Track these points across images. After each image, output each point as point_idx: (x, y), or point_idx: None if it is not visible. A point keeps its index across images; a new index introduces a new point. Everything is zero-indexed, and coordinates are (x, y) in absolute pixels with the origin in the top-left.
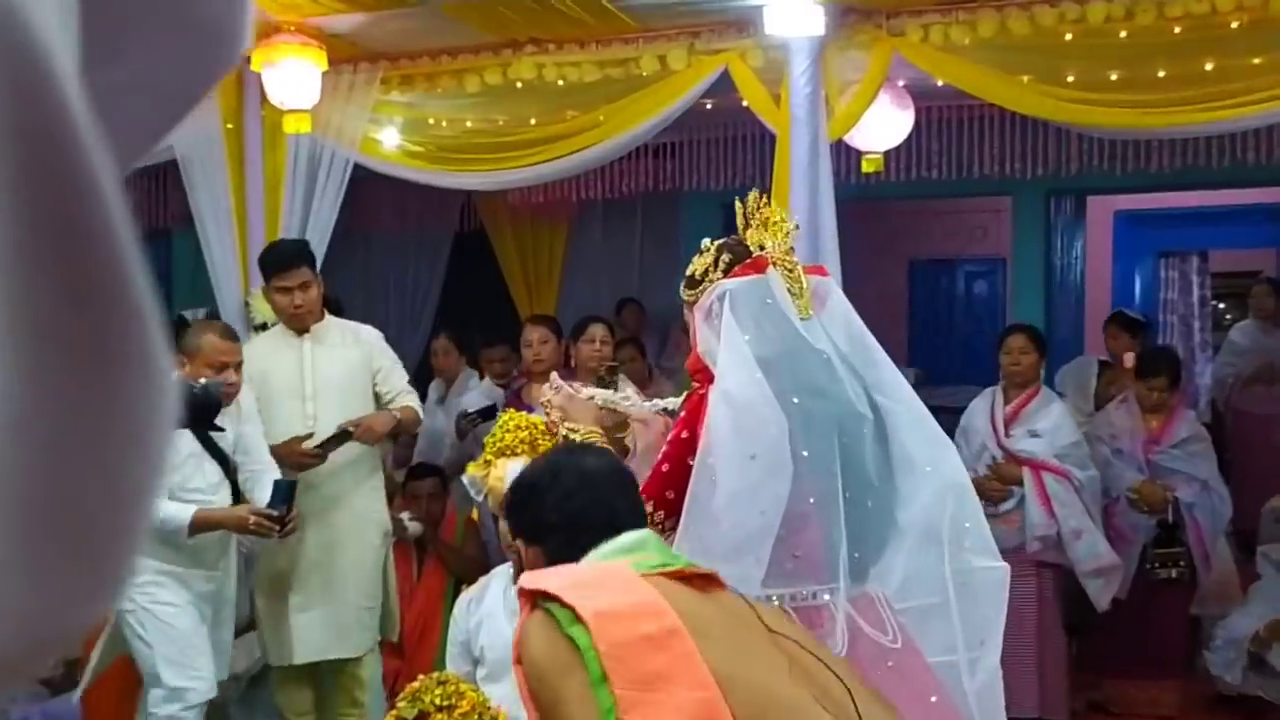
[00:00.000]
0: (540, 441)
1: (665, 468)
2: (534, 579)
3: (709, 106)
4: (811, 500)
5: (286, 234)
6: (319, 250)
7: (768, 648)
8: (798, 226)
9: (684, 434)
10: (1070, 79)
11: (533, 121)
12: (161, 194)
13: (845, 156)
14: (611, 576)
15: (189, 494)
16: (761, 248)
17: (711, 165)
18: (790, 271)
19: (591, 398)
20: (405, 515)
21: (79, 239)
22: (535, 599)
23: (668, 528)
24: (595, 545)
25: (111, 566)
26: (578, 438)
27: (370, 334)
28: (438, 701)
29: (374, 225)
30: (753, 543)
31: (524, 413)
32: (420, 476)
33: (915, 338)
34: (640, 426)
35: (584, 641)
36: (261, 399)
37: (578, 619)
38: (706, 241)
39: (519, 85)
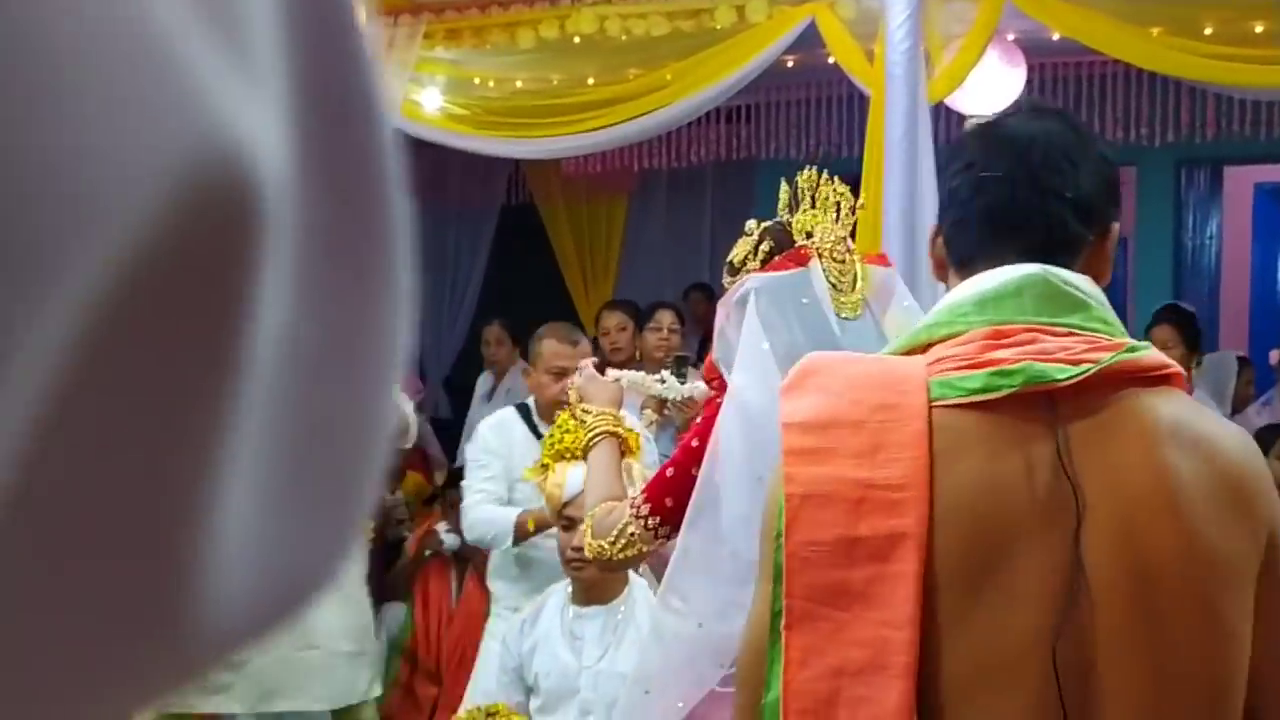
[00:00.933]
0: None
1: (669, 473)
2: (792, 388)
3: (791, 64)
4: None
5: None
6: None
7: (1047, 575)
8: (863, 205)
9: (694, 442)
10: (1208, 31)
11: (591, 81)
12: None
13: (946, 121)
14: (883, 425)
15: None
16: (809, 235)
17: (793, 131)
18: (840, 263)
19: (617, 379)
20: (442, 526)
21: (349, 112)
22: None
23: (661, 535)
24: (985, 257)
25: (357, 511)
26: (589, 419)
27: None
28: None
29: (412, 197)
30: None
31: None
32: (459, 483)
33: None
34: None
35: (778, 526)
36: None
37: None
38: (751, 223)
39: (577, 40)
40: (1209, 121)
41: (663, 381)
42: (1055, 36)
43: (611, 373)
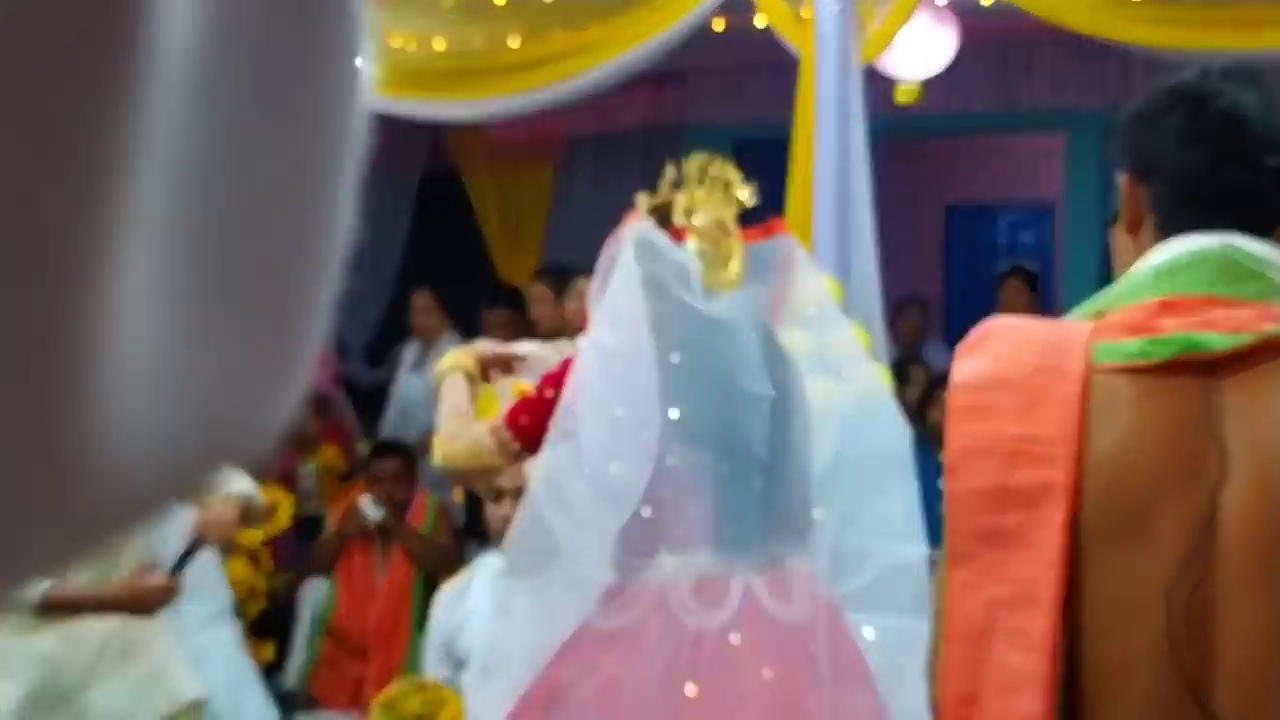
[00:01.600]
0: None
1: (529, 396)
2: (966, 351)
3: (720, 27)
4: (671, 462)
5: None
6: None
7: (1184, 527)
8: (750, 202)
9: (555, 370)
10: None
11: (514, 43)
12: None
13: (876, 86)
14: (1041, 385)
15: None
16: (689, 214)
17: (722, 95)
18: (715, 245)
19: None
20: (367, 499)
21: None
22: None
23: (514, 450)
24: (1185, 223)
25: (304, 335)
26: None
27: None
28: (417, 709)
29: None
30: (611, 500)
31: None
32: (385, 455)
33: (952, 293)
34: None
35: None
36: None
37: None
38: (642, 197)
39: (499, 0)
40: (1139, 86)
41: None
42: (986, 1)
43: (479, 344)
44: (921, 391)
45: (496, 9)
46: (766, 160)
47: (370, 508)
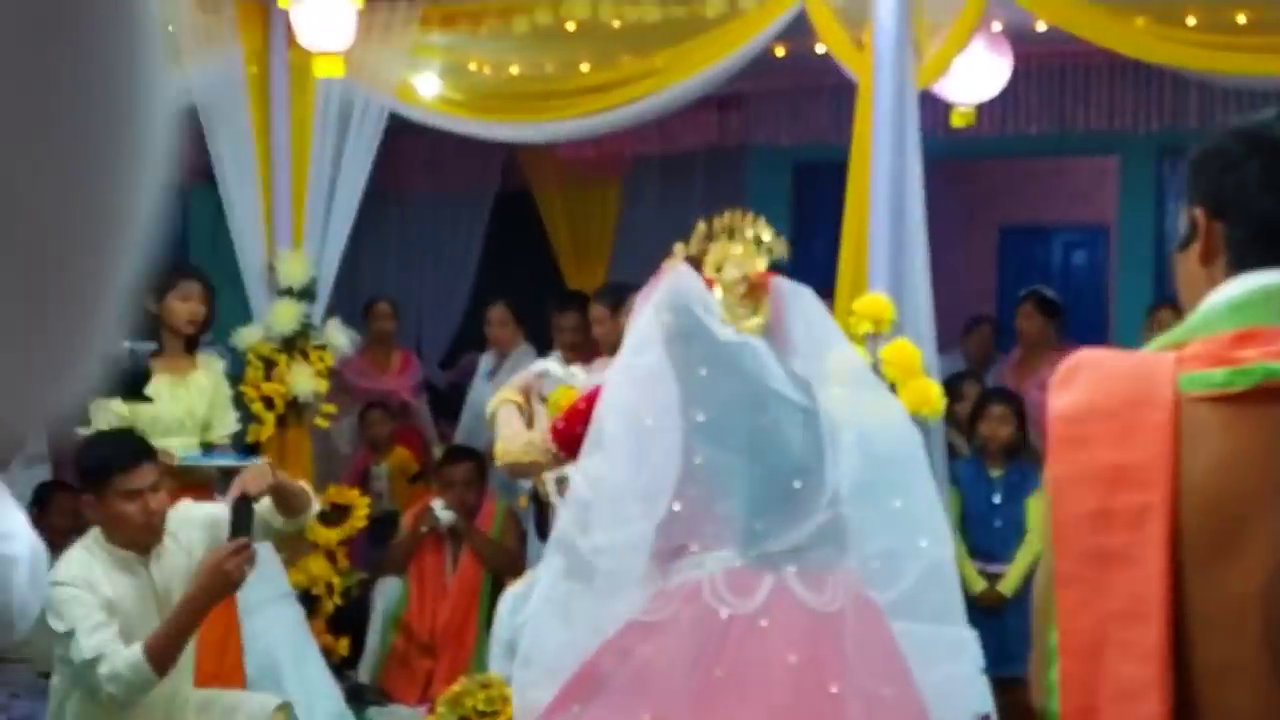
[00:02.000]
0: None
1: (578, 406)
2: (1060, 384)
3: (781, 53)
4: (698, 461)
5: (316, 190)
6: (349, 209)
7: (1275, 542)
8: (782, 252)
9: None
10: (1191, 21)
11: (584, 68)
12: (178, 146)
13: (932, 109)
14: (1134, 415)
15: None
16: (719, 269)
17: (782, 119)
18: (741, 298)
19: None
20: (438, 504)
21: None
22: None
23: (561, 460)
24: (1257, 260)
25: (80, 330)
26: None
27: (203, 513)
28: (480, 707)
29: (409, 182)
30: (644, 498)
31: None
32: (456, 460)
33: (1005, 314)
34: None
35: (1045, 503)
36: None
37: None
38: (679, 246)
39: (570, 26)
40: (1192, 110)
41: (573, 375)
42: (1041, 26)
43: (536, 365)
44: (972, 406)
45: (568, 35)
46: (826, 182)
47: (442, 511)
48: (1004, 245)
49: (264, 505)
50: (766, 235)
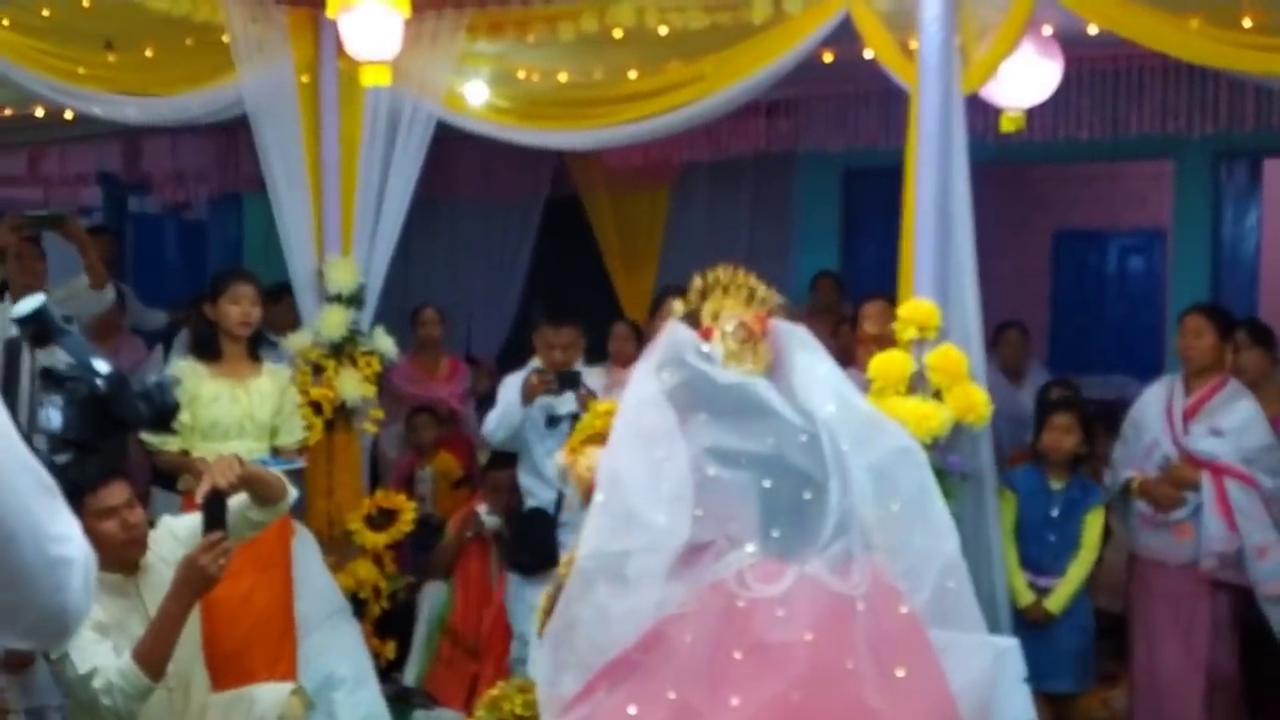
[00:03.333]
0: None
1: None
2: None
3: (829, 59)
4: (711, 473)
5: (364, 197)
6: (397, 216)
7: None
8: (775, 303)
9: None
10: (1246, 23)
11: (632, 74)
12: (233, 155)
13: (982, 114)
14: None
15: None
16: (715, 317)
17: (830, 124)
18: (740, 344)
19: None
20: (483, 509)
21: None
22: None
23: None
24: None
25: None
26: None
27: (185, 527)
28: (518, 710)
29: (458, 189)
30: (667, 506)
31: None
32: (501, 466)
33: (1058, 321)
34: None
35: None
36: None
37: None
38: (678, 304)
39: (617, 34)
40: (1249, 113)
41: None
42: (1092, 29)
43: None
44: (1036, 415)
45: (615, 43)
46: (875, 187)
47: (487, 516)
48: (1058, 250)
49: (240, 500)
50: (760, 290)
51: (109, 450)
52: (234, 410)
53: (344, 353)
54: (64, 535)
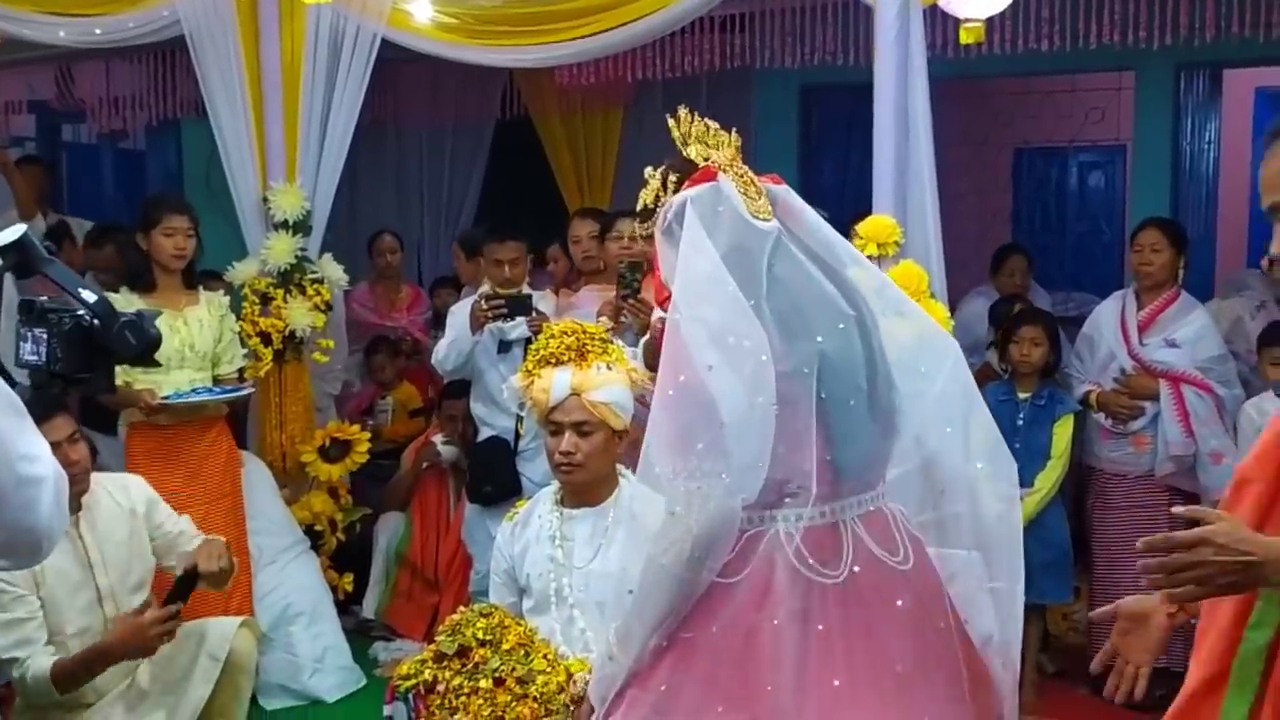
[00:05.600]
0: (590, 348)
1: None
2: None
3: None
4: (773, 405)
5: (308, 121)
6: (343, 141)
7: None
8: (740, 141)
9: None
10: None
11: None
12: (170, 80)
13: (941, 26)
14: None
15: None
16: (706, 159)
17: (788, 39)
18: (741, 177)
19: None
20: (439, 439)
21: None
22: None
23: None
24: None
25: None
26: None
27: (135, 484)
28: (480, 635)
29: (405, 113)
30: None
31: (571, 319)
32: (456, 396)
33: (1020, 238)
34: None
35: None
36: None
37: None
38: (649, 169)
39: None
40: (1209, 23)
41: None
42: None
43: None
44: (1002, 328)
45: None
46: (833, 104)
47: (443, 446)
48: (1019, 166)
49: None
50: (720, 131)
51: (95, 383)
52: (173, 340)
53: (292, 281)
54: (33, 454)
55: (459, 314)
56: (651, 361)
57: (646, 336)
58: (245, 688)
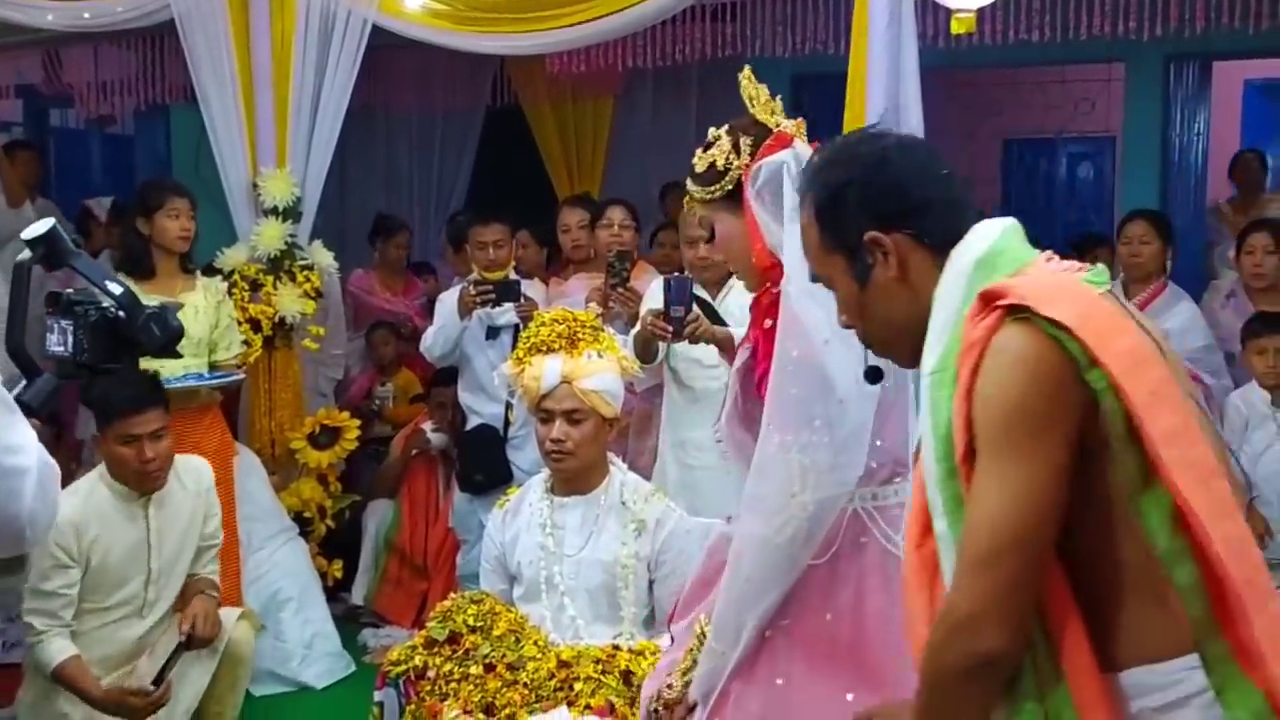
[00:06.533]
0: (581, 336)
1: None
2: (1014, 293)
3: None
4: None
5: (299, 107)
6: (333, 127)
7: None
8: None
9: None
10: None
11: None
12: (159, 65)
13: (932, 16)
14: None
15: None
16: (777, 125)
17: (779, 28)
18: (807, 141)
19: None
20: (428, 425)
21: None
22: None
23: None
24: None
25: None
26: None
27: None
28: (471, 622)
29: (396, 99)
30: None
31: (562, 307)
32: (445, 383)
33: None
34: None
35: (1102, 384)
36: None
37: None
38: (714, 130)
39: None
40: (1199, 15)
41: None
42: None
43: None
44: None
45: None
46: (824, 94)
47: (433, 433)
48: (1008, 157)
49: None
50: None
51: (123, 374)
52: None
53: (282, 268)
54: (17, 446)
55: (447, 300)
56: (642, 354)
57: (636, 328)
58: (243, 678)
